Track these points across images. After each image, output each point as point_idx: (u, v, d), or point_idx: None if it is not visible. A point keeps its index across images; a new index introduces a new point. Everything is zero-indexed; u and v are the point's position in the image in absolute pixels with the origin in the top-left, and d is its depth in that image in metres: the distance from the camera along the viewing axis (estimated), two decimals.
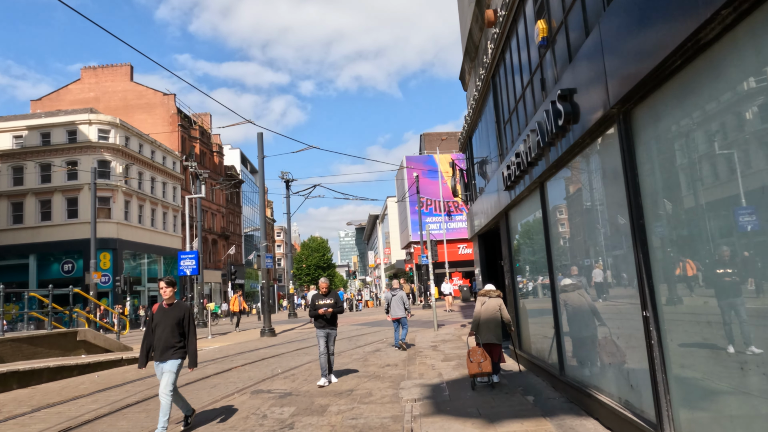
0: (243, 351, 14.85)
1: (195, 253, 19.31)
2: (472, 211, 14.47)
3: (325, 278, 9.20)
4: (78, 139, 38.04)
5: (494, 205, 10.73)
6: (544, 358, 7.93)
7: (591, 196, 5.55)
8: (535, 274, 8.27)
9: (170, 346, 6.24)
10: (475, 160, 14.33)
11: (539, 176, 6.95)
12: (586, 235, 5.90)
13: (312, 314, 8.98)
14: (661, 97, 3.86)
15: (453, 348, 12.94)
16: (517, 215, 9.07)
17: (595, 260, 5.59)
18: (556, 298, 6.87)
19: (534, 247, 8.12)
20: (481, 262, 13.89)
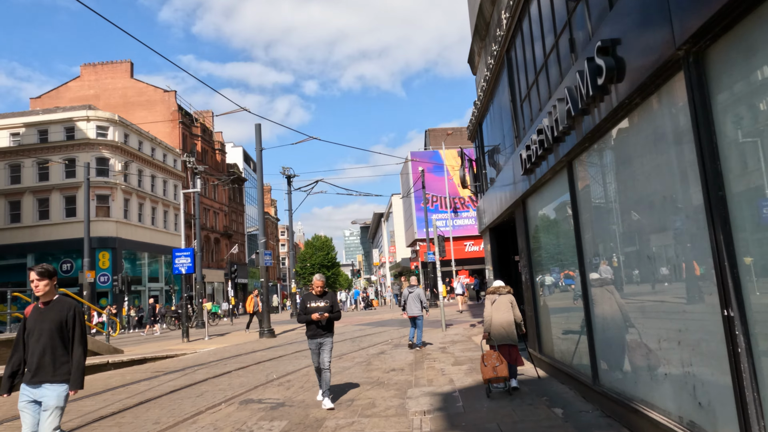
0: (239, 353, 13.95)
1: (190, 251, 18.43)
2: (482, 203, 13.50)
3: (320, 276, 7.31)
4: (76, 136, 37.31)
5: (509, 194, 9.76)
6: (570, 363, 6.97)
7: (640, 169, 4.57)
8: (560, 268, 7.30)
9: (50, 363, 4.15)
10: (486, 149, 13.36)
11: (567, 154, 5.98)
12: (629, 217, 4.93)
13: (302, 319, 7.20)
14: (752, 26, 2.89)
15: (463, 350, 11.98)
16: (538, 202, 8.10)
17: (645, 247, 4.61)
18: (587, 294, 5.90)
19: (559, 236, 7.15)
20: (493, 258, 12.92)
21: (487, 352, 7.67)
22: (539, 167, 7.21)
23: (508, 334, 7.99)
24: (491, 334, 8.08)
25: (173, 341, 18.80)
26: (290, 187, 29.78)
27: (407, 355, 11.82)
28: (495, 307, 8.19)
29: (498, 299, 8.21)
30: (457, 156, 45.88)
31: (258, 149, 18.33)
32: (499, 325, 7.98)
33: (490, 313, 8.19)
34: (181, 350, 15.28)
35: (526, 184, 8.10)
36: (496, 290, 8.50)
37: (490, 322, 8.16)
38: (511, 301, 8.31)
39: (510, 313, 8.06)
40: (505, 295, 8.22)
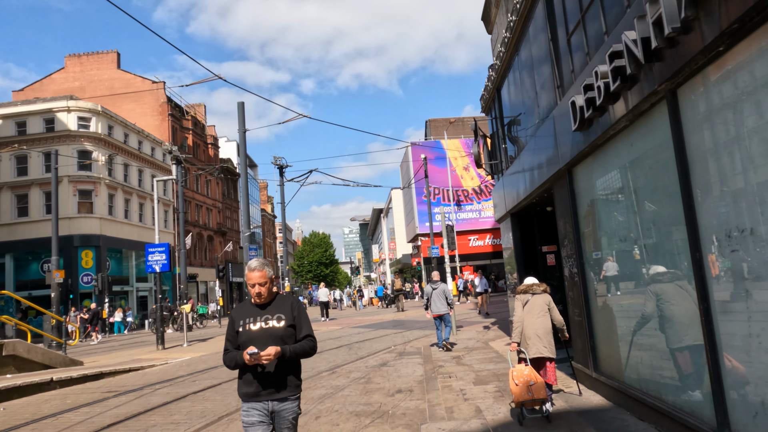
0: (215, 365, 11.84)
1: (165, 246, 16.31)
2: (501, 185, 11.37)
3: (259, 262, 3.37)
4: (56, 128, 35.13)
5: (543, 165, 7.65)
6: (660, 394, 4.84)
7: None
8: (648, 256, 5.17)
9: None
10: (506, 120, 11.23)
11: (671, 77, 3.85)
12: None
13: (228, 361, 3.29)
14: None
15: (483, 360, 9.87)
16: (598, 167, 5.94)
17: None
18: (707, 291, 3.77)
19: (642, 211, 5.02)
20: (516, 250, 10.80)
21: (517, 368, 5.99)
22: (606, 113, 5.08)
23: (545, 345, 6.25)
24: (523, 344, 6.39)
25: (147, 348, 16.69)
26: (282, 178, 27.58)
27: (415, 367, 9.71)
28: (528, 311, 6.44)
29: (531, 300, 6.47)
30: (460, 146, 43.79)
31: (241, 130, 16.18)
32: (533, 333, 6.30)
33: (521, 318, 6.46)
34: (150, 361, 13.17)
35: (578, 144, 5.98)
36: (528, 289, 6.60)
37: (521, 330, 6.44)
38: (548, 303, 6.42)
39: (547, 317, 6.32)
40: (540, 294, 6.45)
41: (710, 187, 3.78)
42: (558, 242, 10.78)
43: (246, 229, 16.09)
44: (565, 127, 6.34)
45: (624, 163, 5.25)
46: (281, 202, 27.73)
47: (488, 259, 42.05)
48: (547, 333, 6.54)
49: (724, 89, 3.55)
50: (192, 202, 51.01)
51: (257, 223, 74.90)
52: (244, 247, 15.78)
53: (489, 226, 42.03)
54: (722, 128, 3.66)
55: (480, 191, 42.43)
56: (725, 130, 3.63)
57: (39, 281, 34.14)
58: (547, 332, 6.54)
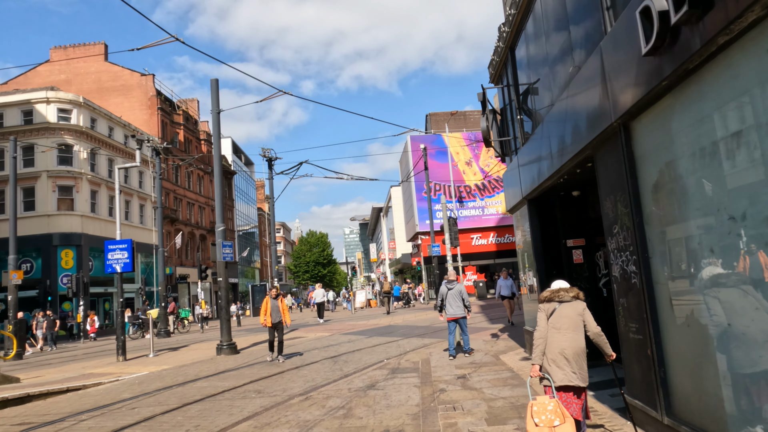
0: (172, 384, 9.86)
1: (128, 243, 14.32)
2: (515, 165, 9.36)
3: None
4: (35, 120, 33.19)
5: (581, 127, 5.66)
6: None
7: None
8: (750, 245, 3.16)
9: None
10: (521, 88, 9.23)
11: None
12: None
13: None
14: None
15: (495, 382, 7.87)
16: (690, 106, 3.86)
17: None
18: None
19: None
20: (535, 244, 8.79)
21: (539, 401, 4.54)
22: (710, 16, 3.08)
23: (574, 370, 4.72)
24: (546, 368, 4.87)
25: (107, 359, 14.69)
26: (272, 171, 25.64)
27: (410, 391, 7.71)
28: (554, 324, 4.91)
29: (558, 311, 4.93)
30: (462, 141, 41.78)
31: (214, 111, 14.19)
32: (559, 354, 4.79)
33: (544, 332, 4.93)
34: (99, 376, 11.20)
35: (647, 79, 3.98)
36: (554, 295, 5.05)
37: (543, 348, 4.90)
38: (580, 313, 4.88)
39: (579, 333, 4.80)
40: (570, 303, 4.91)
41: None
42: (586, 234, 8.82)
43: (220, 223, 14.09)
44: (624, 59, 4.35)
45: (742, 98, 3.24)
46: (270, 196, 25.79)
47: (492, 258, 40.03)
48: (579, 354, 4.80)
49: None
50: (183, 200, 49.07)
51: (254, 223, 72.90)
52: (217, 244, 13.79)
53: (492, 223, 40.03)
54: None
55: (483, 187, 40.41)
56: None
57: None
58: (579, 353, 4.81)
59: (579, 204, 8.75)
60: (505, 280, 14.45)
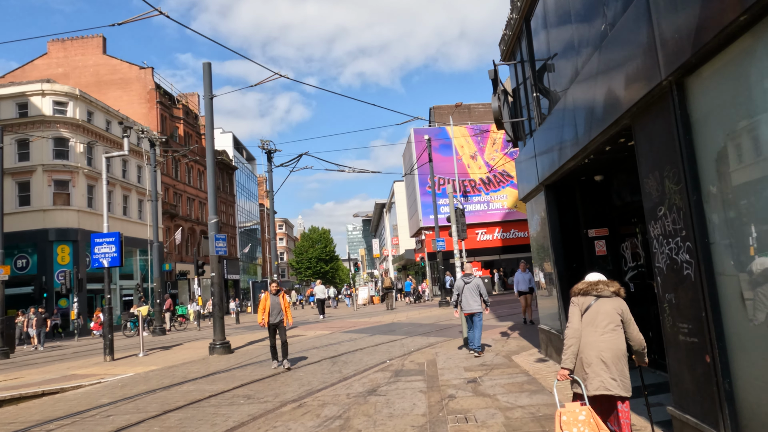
0: (157, 387, 9.09)
1: (115, 236, 13.55)
2: (531, 147, 8.51)
3: None
4: (30, 113, 32.45)
5: (617, 91, 4.83)
6: None
7: None
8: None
9: None
10: (538, 64, 8.38)
11: None
12: None
13: None
14: None
15: (510, 387, 7.06)
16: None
17: None
18: None
19: None
20: (553, 234, 7.96)
21: (569, 409, 3.90)
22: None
23: (613, 376, 4.07)
24: (578, 372, 4.20)
25: (94, 359, 13.95)
26: (271, 164, 24.85)
27: (415, 398, 6.91)
28: (589, 321, 4.24)
29: (595, 307, 4.26)
30: (466, 133, 40.86)
31: (207, 96, 13.38)
32: (595, 357, 4.14)
33: (578, 331, 4.25)
34: (81, 378, 10.44)
35: (715, 17, 3.13)
36: (592, 289, 4.35)
37: (576, 350, 4.22)
38: (620, 312, 4.21)
39: (618, 333, 4.16)
40: (610, 299, 4.26)
41: None
42: (610, 224, 7.98)
43: (213, 215, 13.30)
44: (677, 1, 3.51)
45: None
46: (270, 189, 25.01)
47: (497, 254, 39.17)
48: (619, 357, 4.12)
49: None
50: (183, 195, 48.38)
51: (256, 219, 72.14)
52: (210, 237, 13.00)
53: (498, 218, 39.17)
54: None
55: (488, 181, 39.53)
56: None
57: (13, 279, 31.54)
58: (619, 356, 4.13)
59: (602, 190, 7.92)
60: (523, 273, 13.14)
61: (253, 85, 13.54)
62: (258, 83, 13.12)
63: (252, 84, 13.52)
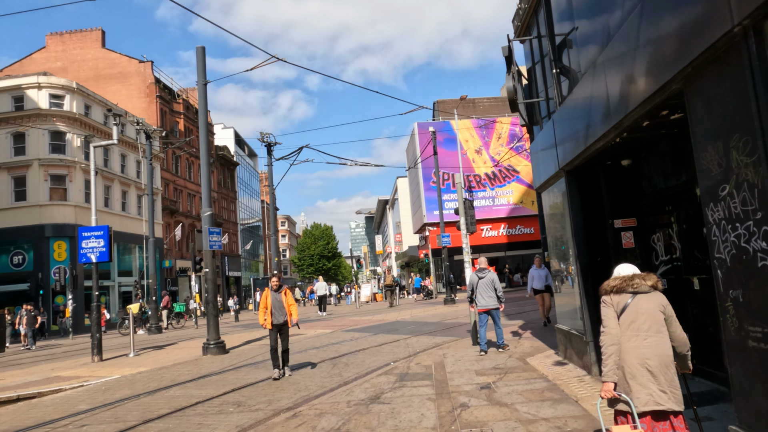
0: (141, 392, 8.39)
1: (104, 229, 12.86)
2: (551, 129, 7.73)
3: None
4: (26, 106, 31.78)
5: (667, 52, 4.06)
6: None
7: None
8: None
9: None
10: (557, 38, 7.61)
11: None
12: None
13: None
14: None
15: (528, 394, 6.32)
16: None
17: None
18: None
19: None
20: (575, 225, 7.19)
21: None
22: None
23: (663, 387, 3.42)
24: (620, 386, 3.52)
25: (82, 359, 13.27)
26: (270, 157, 24.14)
27: (423, 406, 6.18)
28: (628, 323, 3.57)
29: (633, 305, 3.59)
30: (471, 128, 40.03)
31: (200, 82, 12.66)
32: (640, 365, 3.48)
33: (617, 336, 3.57)
34: (63, 381, 9.75)
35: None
36: (627, 284, 3.66)
37: (618, 359, 3.54)
38: (662, 309, 3.58)
39: (665, 334, 3.53)
40: (648, 294, 3.60)
41: None
42: (638, 213, 7.22)
43: (207, 208, 12.59)
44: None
45: None
46: (270, 183, 24.30)
47: (502, 250, 38.42)
48: (667, 365, 3.49)
49: None
50: (183, 191, 47.76)
51: (258, 216, 71.47)
52: (203, 231, 12.29)
53: (503, 214, 38.41)
54: None
55: (493, 176, 38.75)
56: None
57: (9, 275, 30.96)
58: (667, 364, 3.50)
59: (629, 176, 7.16)
60: (539, 269, 12.01)
61: (249, 70, 12.86)
62: (254, 67, 12.41)
63: (248, 69, 12.76)
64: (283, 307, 8.57)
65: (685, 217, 6.09)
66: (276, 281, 8.72)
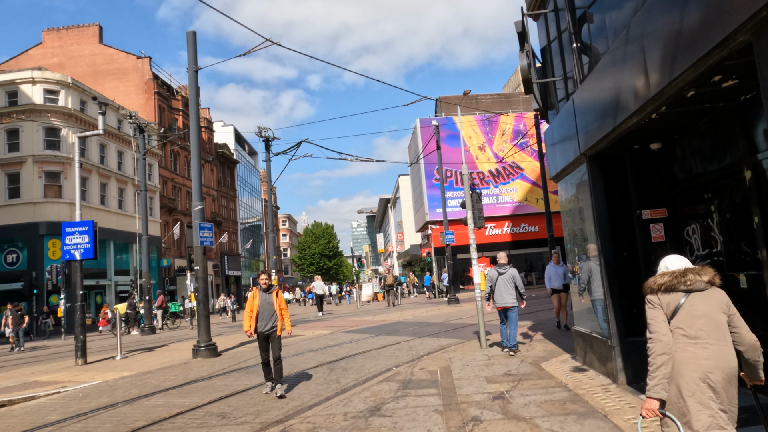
0: (120, 400, 7.67)
1: (89, 224, 12.14)
2: (570, 109, 6.97)
3: None
4: (20, 101, 31.11)
5: None
6: None
7: None
8: None
9: None
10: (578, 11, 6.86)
11: None
12: None
13: None
14: None
15: (548, 406, 5.59)
16: None
17: None
18: None
19: None
20: (599, 216, 6.44)
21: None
22: None
23: (725, 407, 2.81)
24: (672, 404, 2.88)
25: (66, 362, 12.55)
26: (269, 152, 23.41)
27: (429, 420, 5.45)
28: (683, 327, 2.92)
29: (689, 306, 2.94)
30: (475, 124, 39.25)
31: (191, 68, 11.94)
32: (700, 380, 2.82)
33: (669, 345, 2.91)
34: (40, 386, 9.04)
35: None
36: (679, 281, 3.00)
37: (669, 371, 2.87)
38: (725, 309, 2.93)
39: (728, 341, 2.87)
40: (705, 292, 2.95)
41: None
42: (668, 203, 6.47)
43: (197, 202, 11.88)
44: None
45: None
46: (267, 180, 23.57)
47: (506, 249, 37.60)
48: (731, 379, 2.86)
49: None
50: (182, 189, 47.05)
51: (258, 215, 70.74)
52: (194, 226, 11.57)
53: (507, 212, 37.66)
54: None
55: (497, 173, 37.99)
56: None
57: (2, 274, 30.28)
58: (731, 378, 2.86)
59: (659, 161, 6.42)
60: (556, 266, 11.02)
61: (242, 55, 12.11)
62: (246, 52, 11.68)
63: (241, 54, 12.03)
64: (274, 311, 7.14)
65: (729, 206, 5.35)
66: (265, 279, 7.26)
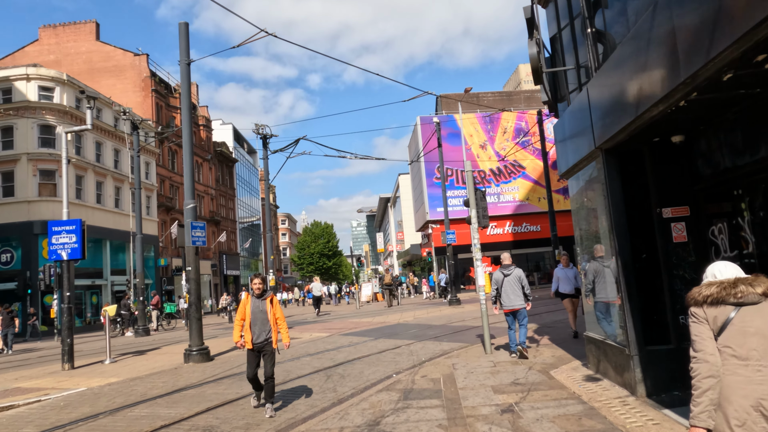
0: (102, 411, 7.20)
1: (77, 223, 11.67)
2: (584, 99, 6.49)
3: None
4: (14, 98, 30.64)
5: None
6: None
7: None
8: None
9: None
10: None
11: None
12: None
13: None
14: None
15: (561, 421, 5.13)
16: None
17: None
18: None
19: None
20: (615, 216, 5.97)
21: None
22: None
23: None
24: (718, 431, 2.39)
25: (52, 366, 12.07)
26: (266, 150, 22.96)
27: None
28: (733, 345, 2.45)
29: (739, 321, 2.45)
30: (476, 122, 38.79)
31: (183, 61, 11.46)
32: (752, 408, 2.33)
33: (716, 366, 2.45)
34: (21, 394, 8.58)
35: None
36: (728, 292, 2.50)
37: (716, 396, 2.42)
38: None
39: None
40: (760, 305, 2.43)
41: None
42: (691, 201, 6.00)
43: (189, 200, 11.41)
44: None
45: None
46: (265, 178, 23.11)
47: (508, 249, 37.14)
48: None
49: None
50: (180, 187, 46.56)
51: (258, 215, 70.25)
52: (185, 225, 11.11)
53: (509, 211, 37.19)
54: None
55: (499, 172, 37.51)
56: None
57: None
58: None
59: (681, 155, 5.95)
60: (566, 269, 10.28)
61: (236, 46, 11.63)
62: (241, 43, 11.21)
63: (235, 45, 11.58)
64: (267, 320, 6.24)
65: (764, 203, 4.88)
66: (259, 284, 6.28)
